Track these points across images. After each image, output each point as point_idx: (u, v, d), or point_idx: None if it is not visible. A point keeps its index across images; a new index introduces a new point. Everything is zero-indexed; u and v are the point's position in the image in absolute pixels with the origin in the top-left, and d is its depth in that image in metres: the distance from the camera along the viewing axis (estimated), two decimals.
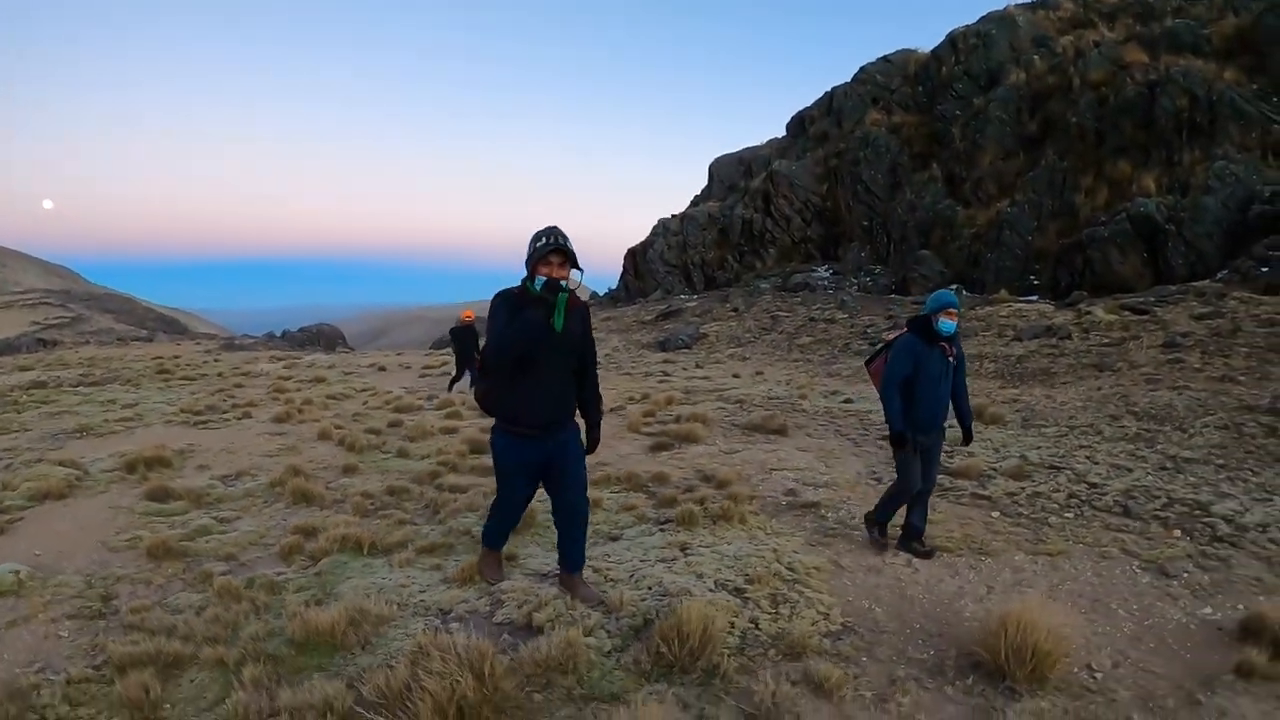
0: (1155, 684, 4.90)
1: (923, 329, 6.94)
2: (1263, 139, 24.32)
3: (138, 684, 4.51)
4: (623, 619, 5.40)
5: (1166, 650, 5.39)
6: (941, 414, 7.03)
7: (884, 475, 10.45)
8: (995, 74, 34.43)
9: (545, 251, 5.32)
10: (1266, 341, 15.91)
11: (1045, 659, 4.70)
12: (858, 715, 4.37)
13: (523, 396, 5.52)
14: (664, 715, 4.01)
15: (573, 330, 5.53)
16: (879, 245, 34.04)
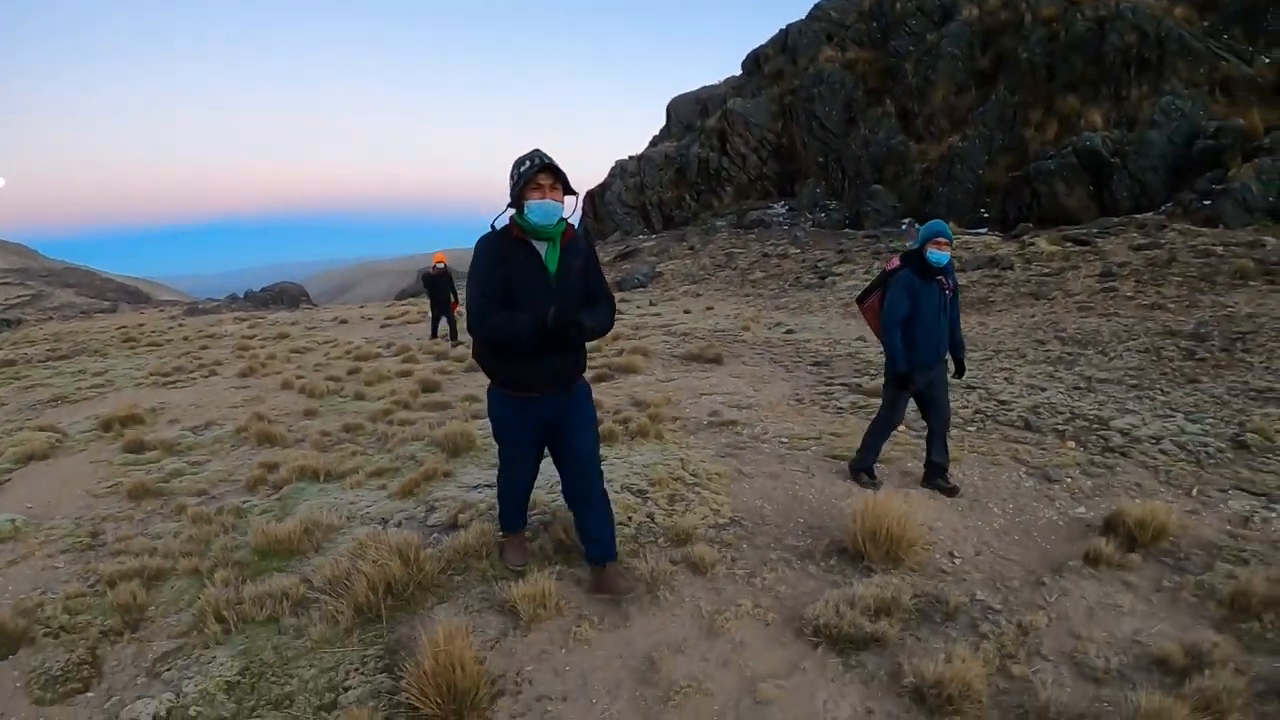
0: (1009, 569, 5.44)
1: (917, 263, 6.66)
2: (1210, 75, 24.52)
3: (126, 592, 5.29)
4: (534, 515, 6.03)
5: (1030, 543, 5.94)
6: (943, 349, 6.84)
7: (805, 396, 10.83)
8: (949, 10, 34.38)
9: (532, 173, 4.41)
10: (1200, 271, 16.26)
11: (898, 543, 5.35)
12: (726, 587, 4.97)
13: (519, 354, 4.60)
14: (555, 587, 4.79)
15: (571, 271, 4.66)
16: (834, 181, 34.19)
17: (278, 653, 4.50)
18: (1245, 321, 12.90)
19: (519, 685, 4.07)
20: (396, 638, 4.45)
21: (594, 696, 3.96)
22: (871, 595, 4.73)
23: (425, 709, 3.72)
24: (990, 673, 4.12)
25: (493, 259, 4.57)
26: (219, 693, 4.12)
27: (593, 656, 4.30)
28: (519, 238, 4.57)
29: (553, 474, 5.71)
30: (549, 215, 4.50)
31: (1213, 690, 3.78)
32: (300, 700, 4.03)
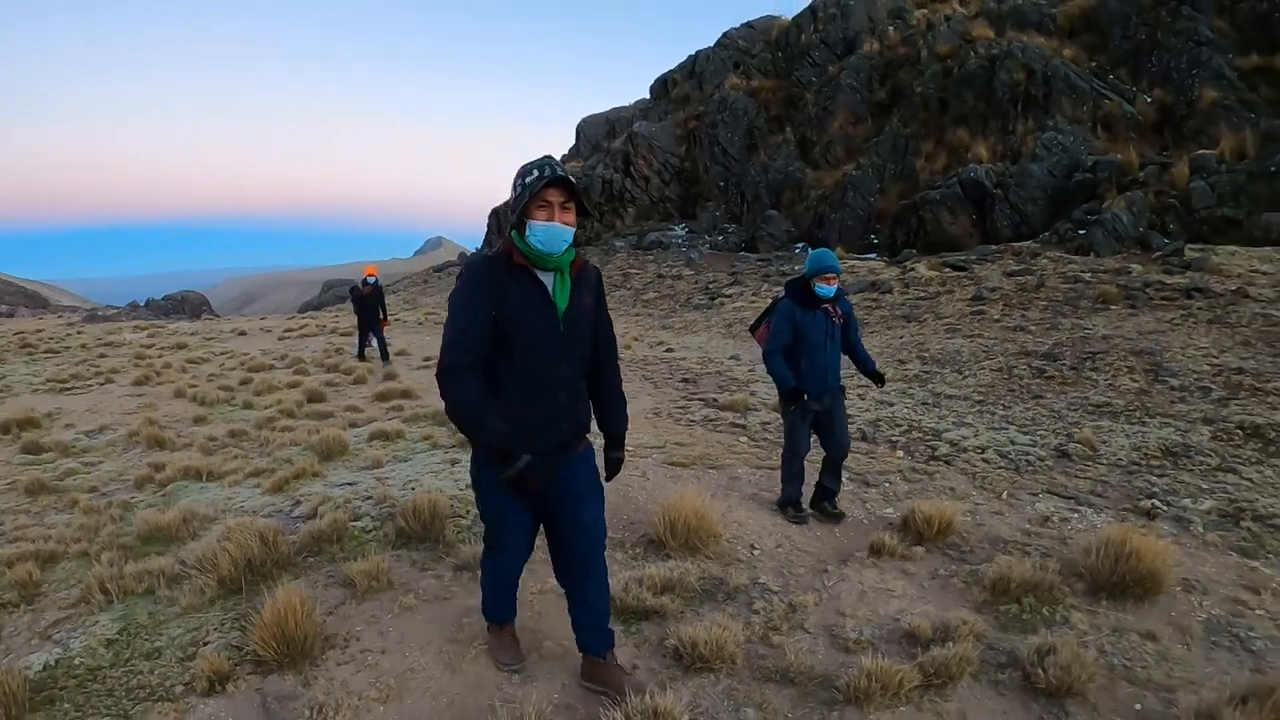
0: (801, 560, 5.90)
1: (800, 292, 6.49)
2: (1093, 112, 25.39)
3: (23, 571, 5.83)
4: (383, 508, 6.65)
5: (830, 538, 6.37)
6: (832, 377, 6.52)
7: (664, 410, 11.00)
8: (851, 43, 35.19)
9: (540, 186, 3.50)
10: (1065, 296, 16.69)
11: (696, 534, 5.84)
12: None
13: (515, 411, 3.65)
14: (392, 564, 5.44)
15: (583, 310, 3.81)
16: (733, 205, 34.53)
17: (152, 617, 5.03)
18: (1099, 342, 13.25)
19: (348, 641, 4.56)
20: (253, 605, 4.77)
21: (408, 650, 4.47)
22: (660, 575, 5.17)
23: (267, 655, 4.26)
24: (750, 640, 4.58)
25: (480, 289, 3.59)
26: (100, 647, 4.66)
27: (414, 620, 4.81)
28: (520, 263, 3.63)
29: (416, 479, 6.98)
30: (556, 241, 3.57)
31: (944, 658, 4.17)
32: (167, 653, 4.58)
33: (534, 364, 3.64)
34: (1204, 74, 24.23)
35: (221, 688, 4.15)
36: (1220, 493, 7.41)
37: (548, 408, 3.71)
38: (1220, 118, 22.70)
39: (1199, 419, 9.64)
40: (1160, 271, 17.10)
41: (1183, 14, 26.14)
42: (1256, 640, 4.60)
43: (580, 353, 3.82)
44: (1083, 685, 4.03)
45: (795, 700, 4.07)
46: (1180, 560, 5.65)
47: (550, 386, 3.70)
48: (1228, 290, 14.98)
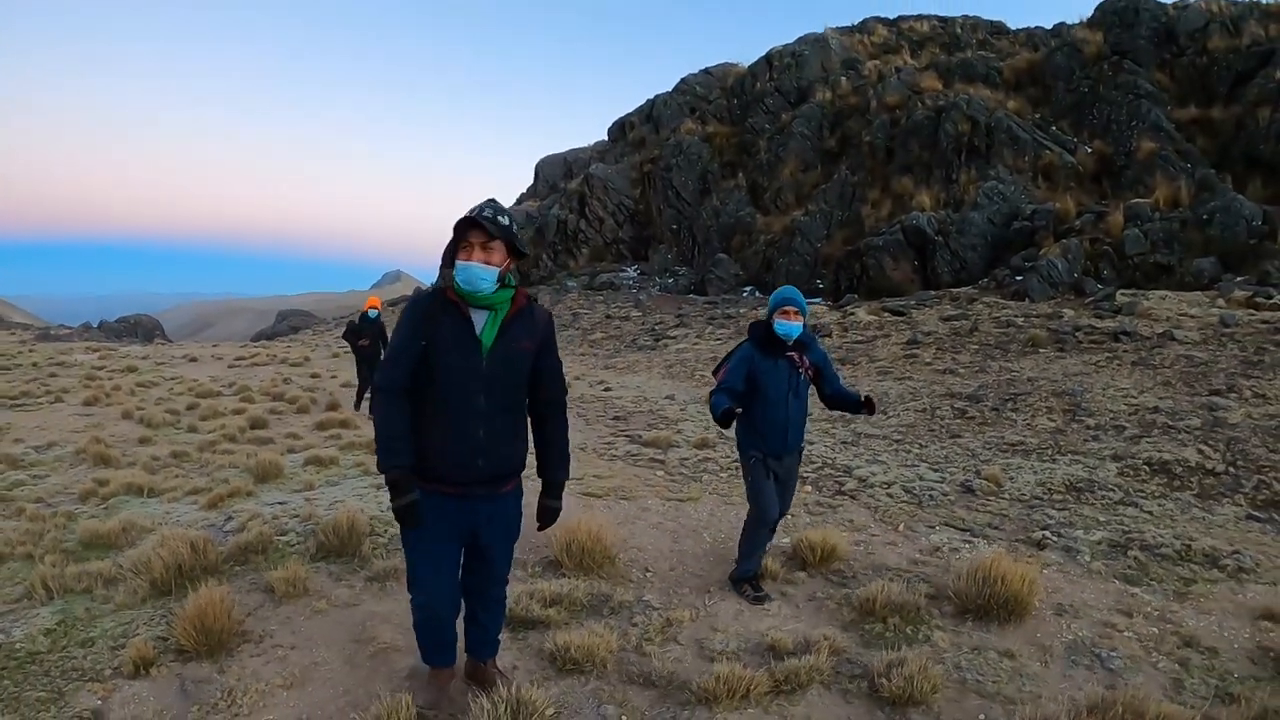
0: (688, 581, 6.13)
1: (762, 337, 5.72)
2: (1034, 162, 25.88)
3: None
4: (307, 525, 6.99)
5: (724, 564, 6.42)
6: (795, 435, 5.83)
7: (590, 446, 11.14)
8: (804, 92, 35.73)
9: (462, 228, 3.71)
10: (996, 340, 16.88)
11: (590, 556, 6.16)
12: None
13: (434, 440, 3.80)
14: (310, 574, 5.82)
15: (513, 351, 3.84)
16: (685, 248, 34.73)
17: (88, 612, 5.48)
18: (1024, 384, 13.39)
19: (263, 638, 4.96)
20: (180, 604, 5.01)
21: (315, 648, 4.86)
22: (551, 591, 5.50)
23: (188, 645, 4.68)
24: (624, 648, 4.87)
25: (413, 323, 3.80)
26: (39, 635, 5.09)
27: (324, 622, 5.20)
28: (452, 299, 3.77)
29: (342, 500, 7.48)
30: (476, 280, 3.69)
31: (796, 668, 4.46)
32: (100, 642, 4.98)
33: (450, 395, 3.74)
34: (1143, 126, 24.83)
35: (146, 672, 4.53)
36: (1115, 525, 7.58)
37: (462, 440, 3.77)
38: (1157, 167, 23.21)
39: (1108, 456, 9.78)
40: (1091, 316, 17.32)
41: (1124, 68, 26.85)
42: (1117, 660, 4.80)
43: (507, 392, 3.87)
44: (926, 695, 4.25)
45: (654, 701, 4.35)
46: (1059, 587, 5.96)
47: (465, 419, 3.77)
48: (1155, 333, 15.20)
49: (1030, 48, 34.02)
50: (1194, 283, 18.84)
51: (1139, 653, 4.94)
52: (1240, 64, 25.67)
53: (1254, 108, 23.98)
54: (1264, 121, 23.33)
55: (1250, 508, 8.26)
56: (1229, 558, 6.57)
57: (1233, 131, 24.34)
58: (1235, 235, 19.80)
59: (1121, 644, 5.03)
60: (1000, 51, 34.45)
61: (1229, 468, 9.16)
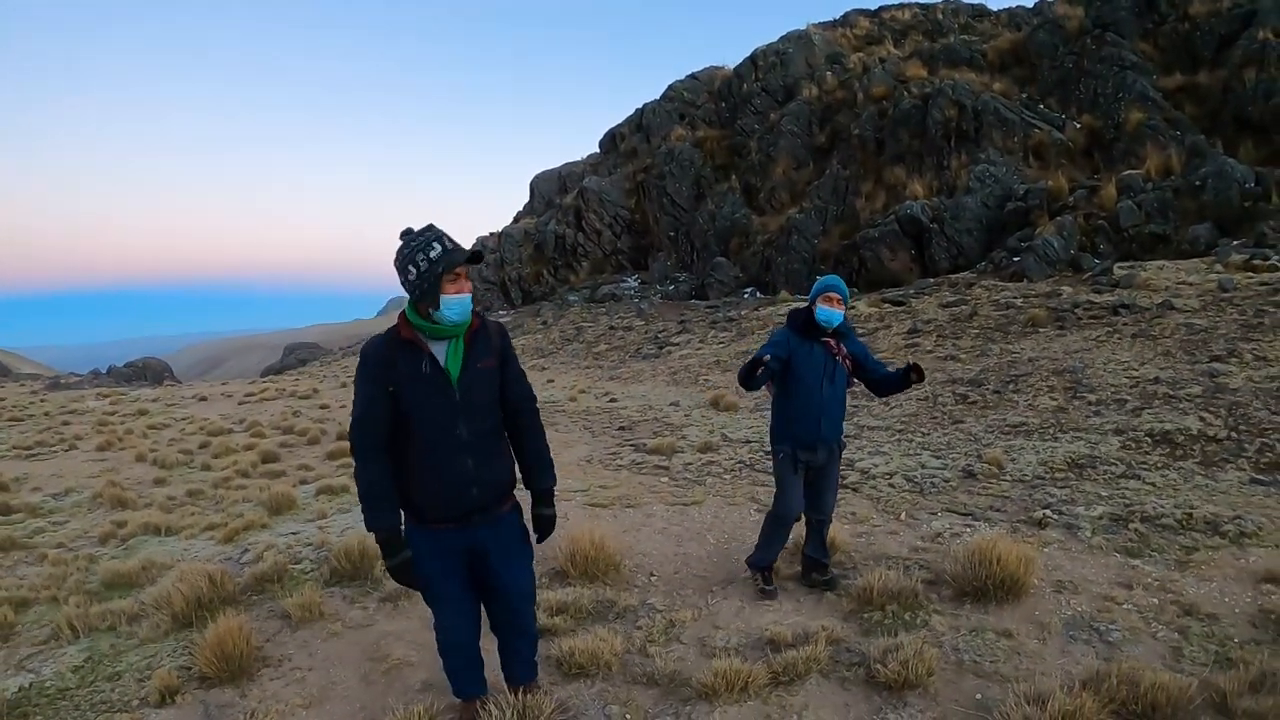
0: (692, 584, 6.28)
1: (801, 322, 5.68)
2: (1023, 142, 25.73)
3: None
4: (321, 552, 7.19)
5: (727, 564, 6.65)
6: (830, 427, 5.67)
7: (596, 457, 11.23)
8: (791, 90, 35.60)
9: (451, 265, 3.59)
10: (996, 323, 16.81)
11: (594, 564, 6.34)
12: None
13: (425, 482, 3.78)
14: (324, 598, 6.06)
15: (480, 374, 3.81)
16: (683, 254, 34.68)
17: (114, 648, 5.71)
18: (1025, 365, 13.35)
19: (281, 661, 5.20)
20: (202, 635, 5.19)
21: (331, 668, 5.10)
22: (557, 600, 5.74)
23: (210, 672, 4.90)
24: (628, 650, 5.04)
25: (373, 370, 3.70)
26: (68, 672, 5.34)
27: (340, 644, 5.42)
28: (408, 338, 3.69)
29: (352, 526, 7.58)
30: (466, 312, 3.68)
31: (794, 659, 4.63)
32: (126, 675, 5.20)
33: (431, 433, 3.70)
34: (1129, 97, 24.62)
35: (171, 700, 4.75)
36: (1117, 499, 7.57)
37: (452, 475, 3.74)
38: (1147, 138, 23.02)
39: (1110, 430, 9.74)
40: (1090, 291, 17.24)
41: (1107, 41, 26.65)
42: (1115, 633, 4.93)
43: (484, 415, 3.83)
44: (922, 679, 4.39)
45: (657, 699, 4.53)
46: (1060, 564, 6.08)
47: (452, 453, 3.73)
48: (1154, 304, 15.11)
49: (1013, 28, 33.95)
50: (1191, 250, 18.71)
51: (1138, 624, 5.03)
52: (1223, 27, 25.38)
53: (1240, 70, 23.70)
54: (1251, 83, 23.07)
55: (1254, 472, 8.21)
56: (1230, 523, 6.56)
57: (1220, 95, 24.08)
58: (1229, 199, 19.63)
59: (1121, 617, 5.14)
60: (983, 34, 34.35)
61: (1231, 433, 9.11)
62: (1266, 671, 4.12)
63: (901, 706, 4.29)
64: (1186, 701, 3.97)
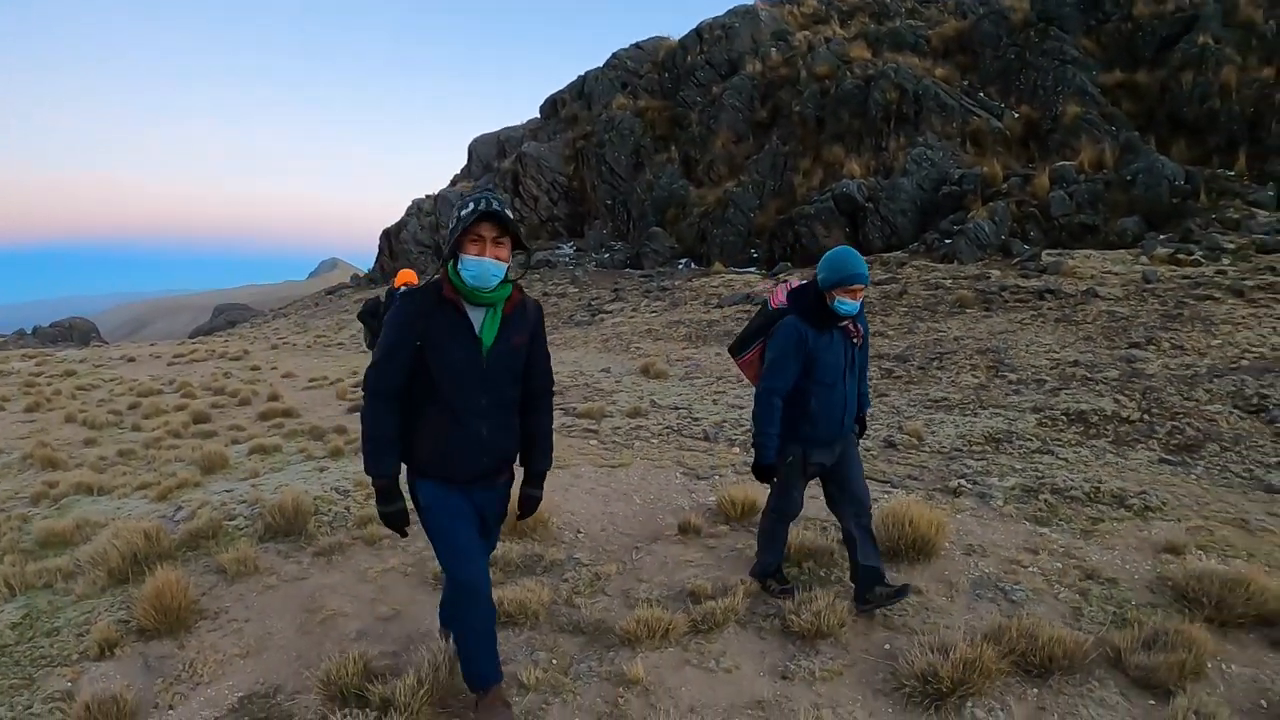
0: (618, 540, 6.48)
1: (812, 307, 4.70)
2: (962, 128, 26.05)
3: None
4: (255, 509, 7.19)
5: (652, 522, 6.86)
6: (849, 418, 4.96)
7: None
8: (735, 64, 35.58)
9: (472, 220, 3.46)
10: (924, 302, 17.03)
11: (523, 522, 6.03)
12: (388, 555, 6.18)
13: (437, 441, 3.72)
14: (259, 553, 6.16)
15: (510, 347, 3.72)
16: (620, 223, 34.62)
17: (51, 604, 5.71)
18: (950, 343, 13.55)
19: (218, 614, 5.30)
20: (139, 589, 5.32)
21: (268, 619, 5.20)
22: None
23: (148, 624, 4.97)
24: (555, 602, 5.23)
25: (406, 320, 3.61)
26: (6, 630, 5.30)
27: (276, 596, 5.54)
28: (450, 297, 3.60)
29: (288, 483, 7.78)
30: (486, 277, 3.52)
31: (713, 609, 4.84)
32: (65, 630, 5.25)
33: (453, 396, 3.63)
34: (1068, 90, 25.04)
35: (111, 653, 4.85)
36: (1030, 471, 7.77)
37: (466, 439, 3.69)
38: (1083, 131, 23.44)
39: (1028, 408, 9.94)
40: (1017, 276, 17.54)
41: (1050, 35, 27.06)
42: (1020, 592, 5.14)
43: (506, 388, 3.77)
44: (834, 629, 4.59)
45: (582, 646, 4.70)
46: (971, 529, 6.28)
47: (469, 418, 3.67)
48: (1078, 291, 15.41)
49: (959, 16, 34.15)
50: (1118, 242, 19.15)
51: (1042, 585, 5.23)
52: (1165, 29, 25.95)
53: (1178, 72, 24.29)
54: (1187, 85, 23.64)
55: (1163, 452, 8.45)
56: (1136, 498, 6.77)
57: (1157, 95, 24.64)
58: (1158, 195, 20.15)
59: (1025, 578, 5.37)
60: (929, 20, 34.56)
61: (1144, 415, 9.32)
62: (1159, 631, 4.31)
63: (814, 654, 4.48)
64: (1082, 656, 4.16)
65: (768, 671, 4.38)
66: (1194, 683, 4.02)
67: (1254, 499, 7.20)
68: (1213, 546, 5.81)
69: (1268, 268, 15.40)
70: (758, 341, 5.00)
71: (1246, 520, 6.50)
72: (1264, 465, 8.02)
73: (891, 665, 4.28)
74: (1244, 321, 12.55)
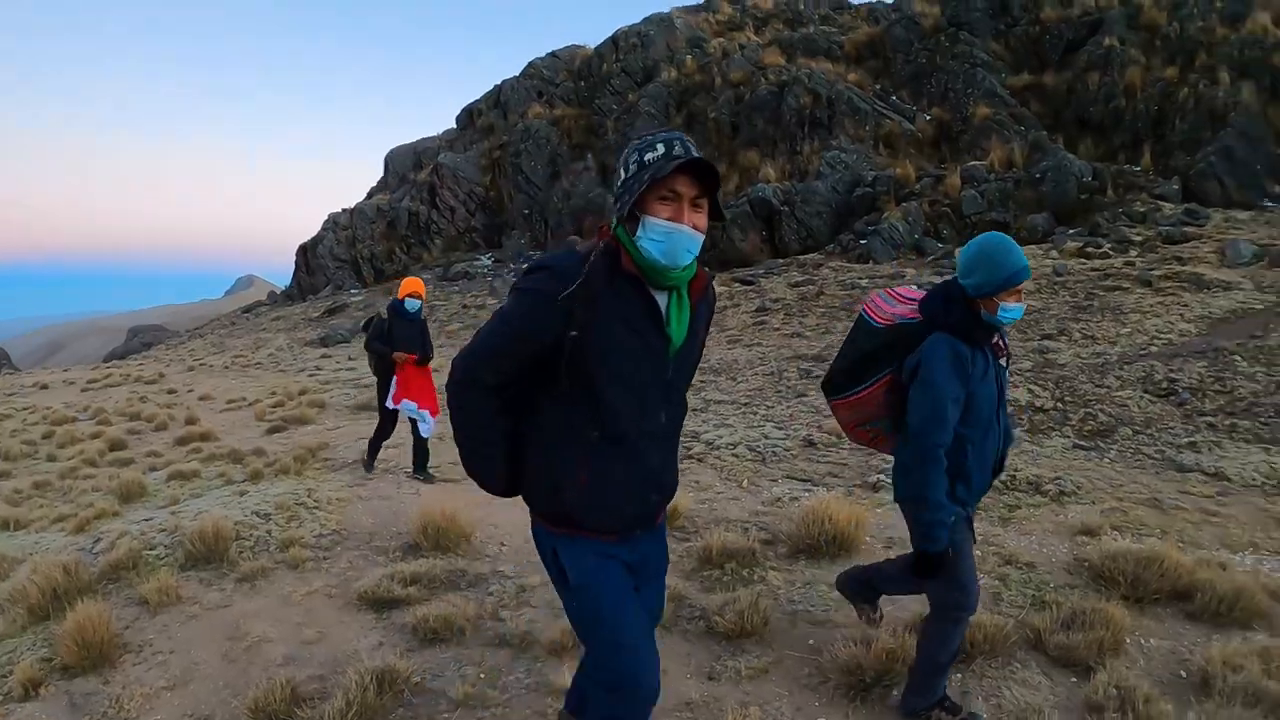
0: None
1: (967, 325, 3.44)
2: (875, 131, 26.53)
3: None
4: (175, 537, 6.91)
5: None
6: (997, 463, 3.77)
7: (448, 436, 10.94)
8: (650, 71, 35.72)
9: (670, 169, 2.42)
10: (841, 302, 17.21)
11: (446, 535, 6.55)
12: (310, 577, 6.14)
13: (591, 479, 2.66)
14: (181, 583, 5.94)
15: (698, 342, 2.85)
16: (537, 232, 34.52)
17: None
18: None
19: (142, 647, 5.14)
20: (60, 626, 5.09)
21: (193, 649, 5.07)
22: (410, 571, 5.89)
23: (72, 662, 4.81)
24: (480, 616, 5.23)
25: (547, 300, 2.51)
26: None
27: (200, 626, 5.41)
28: (630, 272, 2.54)
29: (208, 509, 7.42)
30: (681, 252, 2.49)
31: None
32: None
33: (625, 412, 2.62)
34: (978, 93, 25.63)
35: (35, 693, 4.69)
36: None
37: (636, 472, 2.71)
38: (993, 132, 24.00)
39: None
40: (931, 273, 17.83)
41: (960, 39, 27.68)
42: None
43: (683, 400, 2.87)
44: (758, 628, 4.68)
45: (510, 659, 4.73)
46: (891, 523, 6.36)
47: (643, 444, 2.69)
48: None
49: (871, 22, 34.68)
50: (1029, 237, 19.50)
51: None
52: (1071, 33, 26.86)
53: (1084, 73, 25.17)
54: (1094, 86, 24.53)
55: (1077, 438, 8.61)
56: (1051, 483, 6.92)
57: (1065, 96, 25.48)
58: (1067, 191, 20.70)
59: None
60: (842, 26, 35.05)
61: (1058, 403, 9.47)
62: (1077, 611, 4.44)
63: (740, 653, 4.56)
64: (1004, 638, 4.29)
65: (695, 673, 4.41)
66: (1113, 659, 4.14)
67: (1166, 479, 7.46)
68: (1127, 526, 6.01)
69: (1174, 258, 15.87)
70: (884, 372, 3.58)
71: (1159, 500, 6.74)
72: (1174, 446, 8.30)
73: (816, 660, 4.35)
74: (1152, 310, 12.89)
